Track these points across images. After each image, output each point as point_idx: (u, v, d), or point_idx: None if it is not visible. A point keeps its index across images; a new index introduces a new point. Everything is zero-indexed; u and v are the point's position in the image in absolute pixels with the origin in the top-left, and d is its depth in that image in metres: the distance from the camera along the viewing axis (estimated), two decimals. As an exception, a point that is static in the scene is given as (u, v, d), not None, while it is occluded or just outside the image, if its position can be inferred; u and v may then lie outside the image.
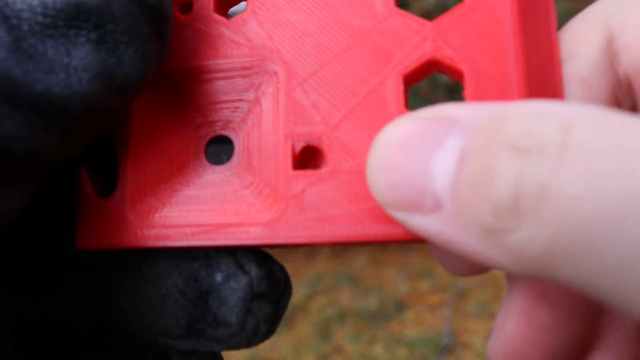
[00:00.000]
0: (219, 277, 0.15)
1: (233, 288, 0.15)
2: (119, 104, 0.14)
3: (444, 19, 0.14)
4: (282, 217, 0.14)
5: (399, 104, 0.14)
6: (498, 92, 0.13)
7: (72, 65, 0.12)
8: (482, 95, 0.13)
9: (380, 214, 0.13)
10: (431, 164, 0.11)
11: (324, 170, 0.14)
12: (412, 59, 0.14)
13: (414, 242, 0.13)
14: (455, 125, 0.11)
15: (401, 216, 0.12)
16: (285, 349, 1.49)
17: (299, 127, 0.14)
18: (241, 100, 0.16)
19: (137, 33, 0.13)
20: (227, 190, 0.15)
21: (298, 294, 1.70)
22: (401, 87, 0.14)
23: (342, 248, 2.03)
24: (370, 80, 0.14)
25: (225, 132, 0.16)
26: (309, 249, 1.93)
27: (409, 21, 0.14)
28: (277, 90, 0.15)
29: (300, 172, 0.14)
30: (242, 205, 0.15)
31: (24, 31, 0.12)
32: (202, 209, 0.15)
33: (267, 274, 0.15)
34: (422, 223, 0.12)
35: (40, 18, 0.12)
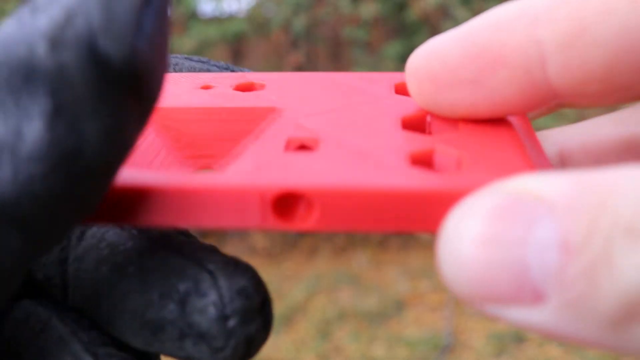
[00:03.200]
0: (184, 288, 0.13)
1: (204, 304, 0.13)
2: (90, 190, 0.11)
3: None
4: (265, 169, 0.13)
5: (398, 127, 0.15)
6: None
7: (21, 155, 0.10)
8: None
9: (375, 174, 0.13)
10: (522, 255, 0.10)
11: (317, 151, 0.14)
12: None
13: (410, 199, 0.12)
14: (540, 205, 0.10)
15: (492, 310, 0.11)
16: (285, 349, 1.49)
17: (296, 134, 0.15)
18: (237, 139, 0.16)
19: (101, 102, 0.10)
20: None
21: (298, 293, 1.70)
22: (399, 121, 0.15)
23: (342, 248, 2.03)
24: (371, 119, 0.15)
25: (213, 166, 0.16)
26: (310, 249, 1.93)
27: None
28: (280, 126, 0.15)
29: (291, 153, 0.14)
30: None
31: None
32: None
33: (238, 291, 0.13)
34: (522, 316, 0.10)
35: None
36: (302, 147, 0.14)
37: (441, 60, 0.13)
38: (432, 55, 0.14)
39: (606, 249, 0.09)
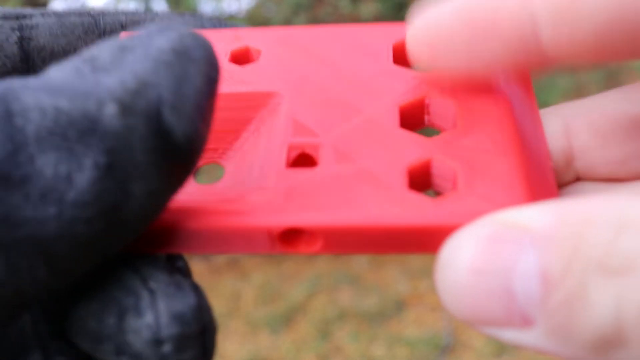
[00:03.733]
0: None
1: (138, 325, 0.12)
2: (121, 240, 0.11)
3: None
4: (270, 206, 0.14)
5: (396, 125, 0.15)
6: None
7: (67, 200, 0.10)
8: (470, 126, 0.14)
9: (374, 202, 0.13)
10: (510, 283, 0.11)
11: (318, 168, 0.14)
12: (409, 97, 0.15)
13: (408, 233, 0.13)
14: (525, 236, 0.11)
15: (488, 331, 0.11)
16: (285, 349, 1.49)
17: (296, 138, 0.15)
18: (238, 130, 0.16)
19: (154, 169, 0.11)
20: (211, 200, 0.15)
21: (298, 293, 1.70)
22: (397, 112, 0.15)
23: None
24: (369, 108, 0.15)
25: (218, 161, 0.16)
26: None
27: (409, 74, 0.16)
28: (278, 118, 0.15)
29: (293, 169, 0.14)
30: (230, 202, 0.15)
31: (26, 136, 0.10)
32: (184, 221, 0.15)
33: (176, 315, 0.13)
34: (515, 337, 0.11)
35: (49, 123, 0.10)
36: (303, 156, 0.15)
37: (438, 28, 0.14)
38: (430, 23, 0.14)
39: (582, 284, 0.10)
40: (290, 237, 0.13)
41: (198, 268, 1.79)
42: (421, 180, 0.14)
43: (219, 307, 1.55)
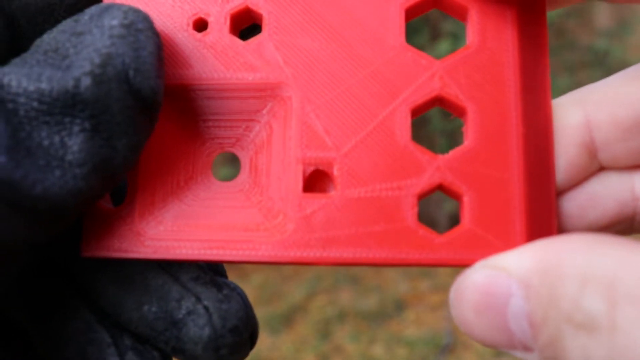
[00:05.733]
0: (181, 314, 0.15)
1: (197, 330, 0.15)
2: (108, 188, 0.14)
3: (452, 58, 0.15)
4: (291, 237, 0.14)
5: (406, 136, 0.15)
6: (497, 131, 0.14)
7: (67, 160, 0.13)
8: (483, 132, 0.14)
9: (386, 238, 0.14)
10: (506, 322, 0.13)
11: (333, 194, 0.15)
12: (421, 94, 0.15)
13: (418, 266, 0.14)
14: (512, 282, 0.13)
15: (503, 350, 0.13)
16: (285, 349, 1.49)
17: (310, 151, 0.15)
18: (252, 120, 0.16)
19: (131, 124, 0.13)
20: (234, 206, 0.15)
21: (298, 294, 1.70)
22: (409, 119, 0.15)
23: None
24: (381, 111, 0.15)
25: (233, 150, 0.16)
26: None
27: (419, 58, 0.15)
28: (289, 114, 0.15)
29: (310, 195, 0.15)
30: (250, 223, 0.15)
31: (20, 116, 0.12)
32: (211, 224, 0.15)
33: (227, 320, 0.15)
34: (523, 356, 0.13)
35: (35, 104, 0.12)
36: (318, 173, 0.15)
37: None
38: None
39: (558, 331, 0.12)
40: None
41: (198, 268, 1.78)
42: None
43: (218, 307, 1.55)
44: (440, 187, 0.14)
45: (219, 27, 0.16)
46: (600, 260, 0.11)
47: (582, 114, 0.15)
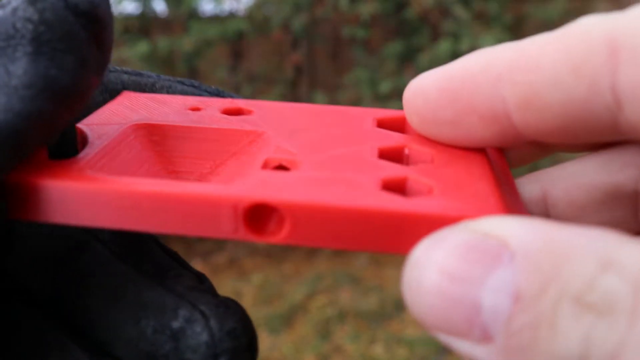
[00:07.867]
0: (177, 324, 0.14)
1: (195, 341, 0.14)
2: (62, 115, 0.13)
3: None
4: (240, 182, 0.13)
5: (374, 156, 0.15)
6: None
7: (12, 85, 0.12)
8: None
9: (346, 196, 0.13)
10: (478, 294, 0.11)
11: (293, 171, 0.14)
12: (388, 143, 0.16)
13: (384, 216, 0.13)
14: (502, 250, 0.11)
15: (442, 338, 0.11)
16: (285, 349, 1.49)
17: (276, 155, 0.15)
18: (223, 156, 0.16)
19: (74, 40, 0.13)
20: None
21: (298, 293, 1.70)
22: (377, 151, 0.15)
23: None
24: (351, 147, 0.15)
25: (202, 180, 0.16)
26: (310, 249, 1.93)
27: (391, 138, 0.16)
28: (261, 147, 0.16)
29: (267, 171, 0.14)
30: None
31: None
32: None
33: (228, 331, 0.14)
34: (468, 349, 0.11)
35: None
36: (280, 167, 0.15)
37: (424, 100, 0.15)
38: (418, 94, 0.15)
39: (553, 310, 0.10)
40: (257, 217, 0.13)
41: (197, 268, 1.78)
42: (395, 190, 0.14)
43: (218, 307, 1.55)
44: (407, 179, 0.14)
45: (212, 110, 0.17)
46: (626, 249, 0.10)
47: (539, 189, 0.15)
